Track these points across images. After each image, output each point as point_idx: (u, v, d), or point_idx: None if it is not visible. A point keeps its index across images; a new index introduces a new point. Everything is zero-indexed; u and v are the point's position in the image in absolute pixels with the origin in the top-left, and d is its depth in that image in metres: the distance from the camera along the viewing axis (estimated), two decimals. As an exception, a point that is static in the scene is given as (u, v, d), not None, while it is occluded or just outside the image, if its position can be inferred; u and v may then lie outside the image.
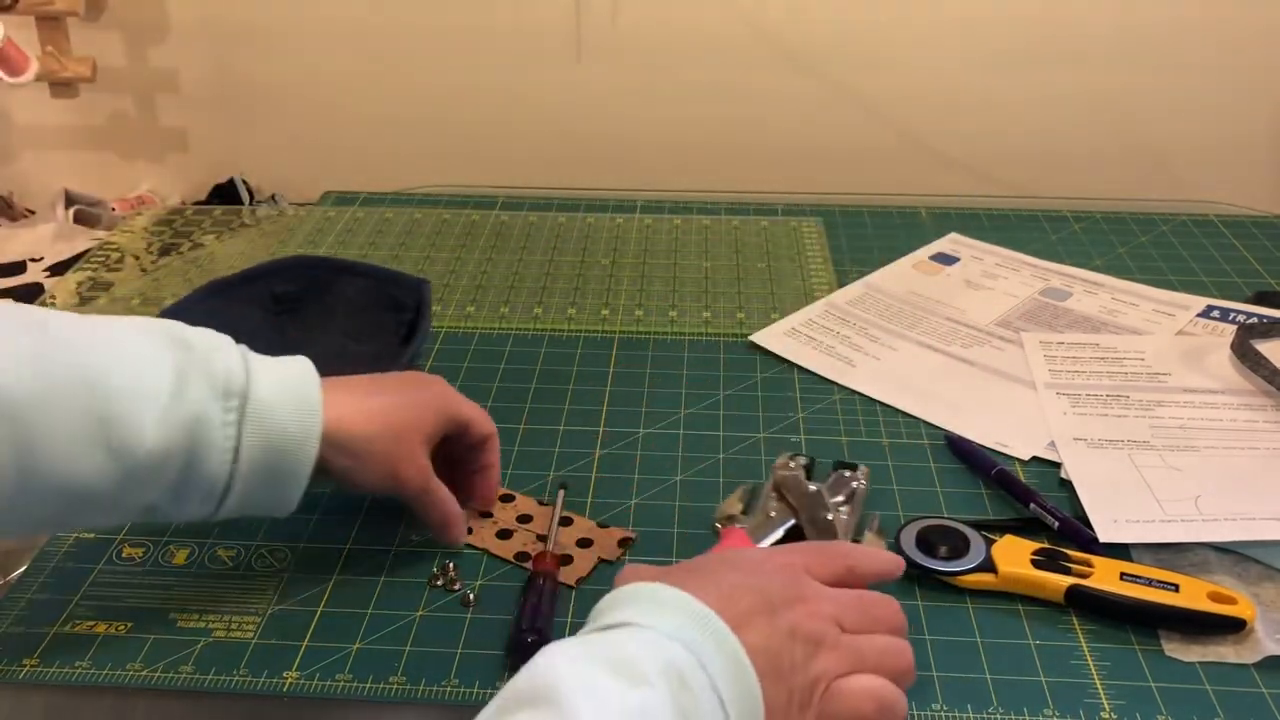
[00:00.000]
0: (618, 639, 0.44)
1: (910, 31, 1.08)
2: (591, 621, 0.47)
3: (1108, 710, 0.54)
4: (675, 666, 0.42)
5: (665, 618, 0.45)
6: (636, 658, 0.42)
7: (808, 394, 0.79)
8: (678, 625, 0.45)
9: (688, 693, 0.42)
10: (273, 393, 0.54)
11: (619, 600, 0.47)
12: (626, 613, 0.46)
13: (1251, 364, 0.78)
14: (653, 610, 0.45)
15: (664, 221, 1.07)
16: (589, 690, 0.40)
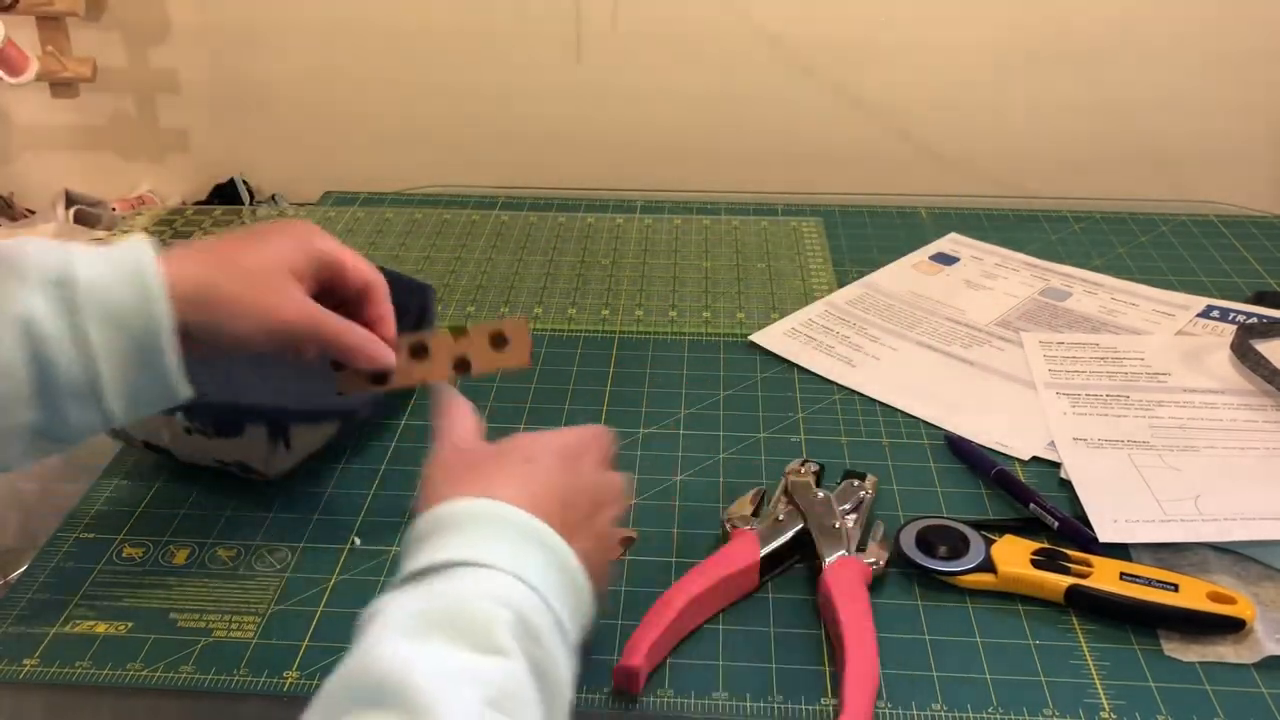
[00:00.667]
0: (460, 593, 0.41)
1: (910, 31, 1.08)
2: (416, 551, 0.44)
3: (1107, 710, 0.54)
4: (524, 618, 0.41)
5: (502, 546, 0.43)
6: (484, 620, 0.39)
7: (808, 394, 0.79)
8: (517, 556, 0.43)
9: (539, 645, 0.41)
10: (98, 271, 0.49)
11: (435, 527, 0.44)
12: (458, 545, 0.43)
13: (1251, 364, 0.78)
14: (487, 538, 0.43)
15: (664, 221, 1.07)
16: (436, 680, 0.37)
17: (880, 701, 0.54)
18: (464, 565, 0.42)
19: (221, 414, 0.65)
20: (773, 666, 0.56)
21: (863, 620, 0.56)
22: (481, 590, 0.41)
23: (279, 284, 0.53)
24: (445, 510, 0.44)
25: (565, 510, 0.47)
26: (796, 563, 0.63)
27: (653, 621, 0.55)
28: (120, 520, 0.67)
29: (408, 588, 0.42)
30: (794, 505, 0.64)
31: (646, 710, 0.54)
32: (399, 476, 0.70)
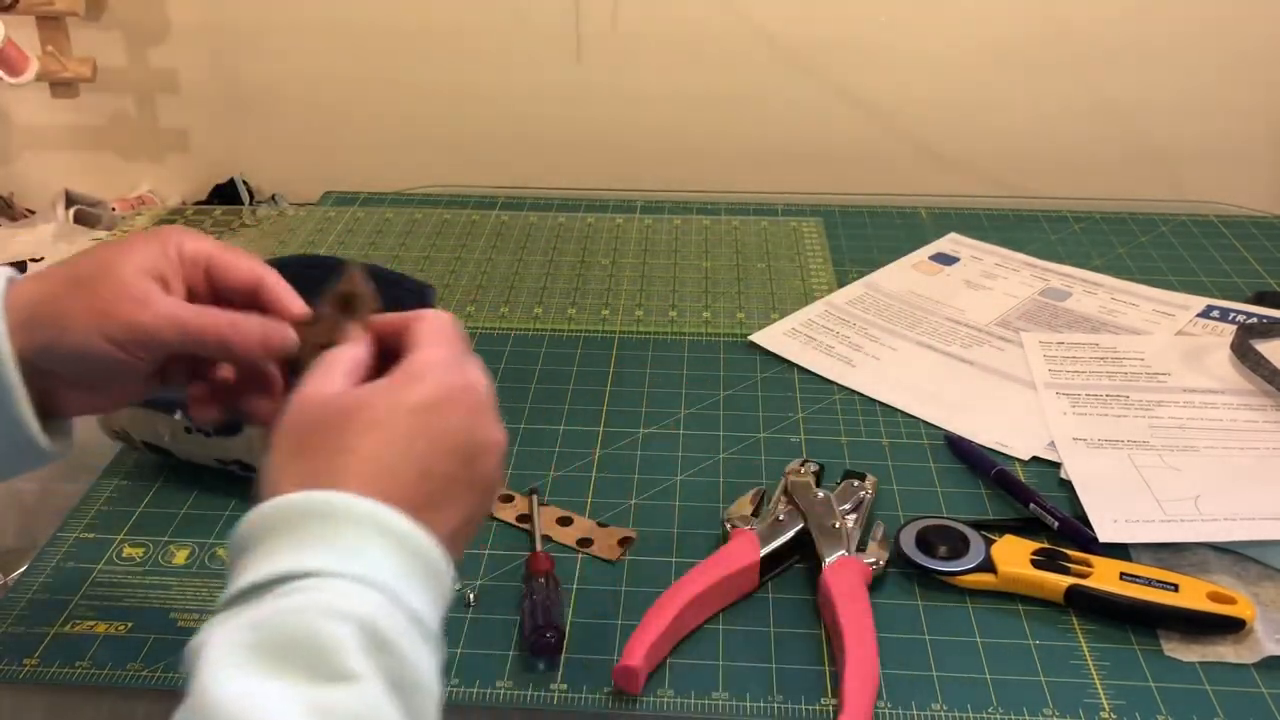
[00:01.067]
0: (294, 614, 0.35)
1: (910, 32, 1.08)
2: (242, 562, 0.38)
3: (1107, 710, 0.54)
4: (373, 629, 0.35)
5: (339, 546, 0.37)
6: (330, 643, 0.34)
7: (808, 394, 0.79)
8: (358, 555, 0.37)
9: (393, 655, 0.36)
10: None
11: (273, 528, 0.38)
12: (287, 553, 0.37)
13: (1251, 364, 0.78)
14: (321, 538, 0.37)
15: (664, 221, 1.07)
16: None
17: (880, 701, 0.54)
18: (295, 578, 0.36)
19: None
20: (773, 666, 0.56)
21: (863, 620, 0.56)
22: (319, 606, 0.35)
23: (130, 289, 0.46)
24: (272, 509, 0.38)
25: (425, 480, 0.41)
26: (796, 563, 0.63)
27: (653, 621, 0.55)
28: (120, 520, 0.67)
29: (236, 611, 0.36)
30: (794, 505, 0.64)
31: (646, 710, 0.54)
32: (399, 476, 0.70)
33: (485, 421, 0.44)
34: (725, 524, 0.64)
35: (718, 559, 0.59)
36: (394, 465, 0.41)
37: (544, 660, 0.56)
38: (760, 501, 0.65)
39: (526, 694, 0.54)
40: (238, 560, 0.38)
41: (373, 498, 0.39)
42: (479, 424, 0.44)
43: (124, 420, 0.67)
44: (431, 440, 0.42)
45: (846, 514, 0.63)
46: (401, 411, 0.42)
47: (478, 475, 0.44)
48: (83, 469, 0.72)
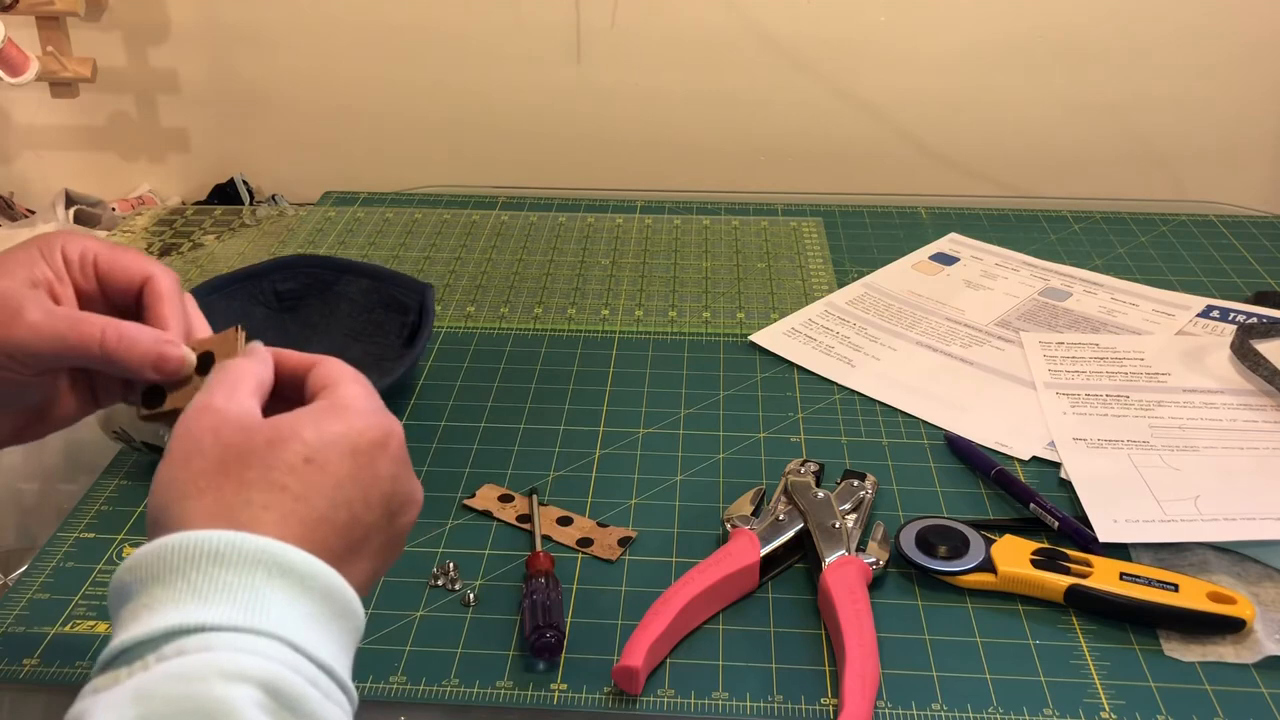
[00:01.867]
0: (186, 681, 0.31)
1: (910, 32, 1.08)
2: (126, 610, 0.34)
3: (1107, 710, 0.54)
4: (275, 689, 0.32)
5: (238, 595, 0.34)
6: (227, 714, 0.31)
7: (808, 394, 0.79)
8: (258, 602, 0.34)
9: (298, 713, 0.32)
10: None
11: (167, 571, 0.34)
12: (177, 604, 0.33)
13: (1251, 364, 0.78)
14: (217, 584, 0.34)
15: (664, 221, 1.07)
16: None
17: (880, 701, 0.54)
18: (184, 634, 0.32)
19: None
20: (773, 666, 0.56)
21: (863, 620, 0.56)
22: (214, 668, 0.31)
23: (9, 308, 0.42)
24: (166, 547, 0.34)
25: (351, 528, 0.38)
26: (796, 563, 0.63)
27: (653, 621, 0.55)
28: (120, 520, 0.67)
29: (119, 675, 0.32)
30: (794, 505, 0.64)
31: (646, 710, 0.54)
32: (399, 476, 0.70)
33: (409, 474, 0.42)
34: (725, 524, 0.64)
35: (718, 559, 0.59)
36: (324, 509, 0.38)
37: (544, 660, 0.56)
38: (760, 501, 0.65)
39: (526, 694, 0.54)
40: (125, 604, 0.34)
41: (296, 543, 0.36)
42: (405, 475, 0.42)
43: (124, 420, 0.67)
44: (364, 486, 0.39)
45: (846, 514, 0.63)
46: (338, 450, 0.39)
47: (396, 529, 0.42)
48: (83, 469, 0.72)
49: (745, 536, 0.61)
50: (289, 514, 0.37)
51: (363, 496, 0.39)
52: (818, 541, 0.61)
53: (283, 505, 0.37)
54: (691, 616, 0.57)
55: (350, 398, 0.41)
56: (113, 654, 0.33)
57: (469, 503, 0.68)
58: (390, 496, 0.41)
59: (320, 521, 0.37)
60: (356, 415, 0.40)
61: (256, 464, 0.37)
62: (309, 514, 0.37)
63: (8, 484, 0.72)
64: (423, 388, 0.80)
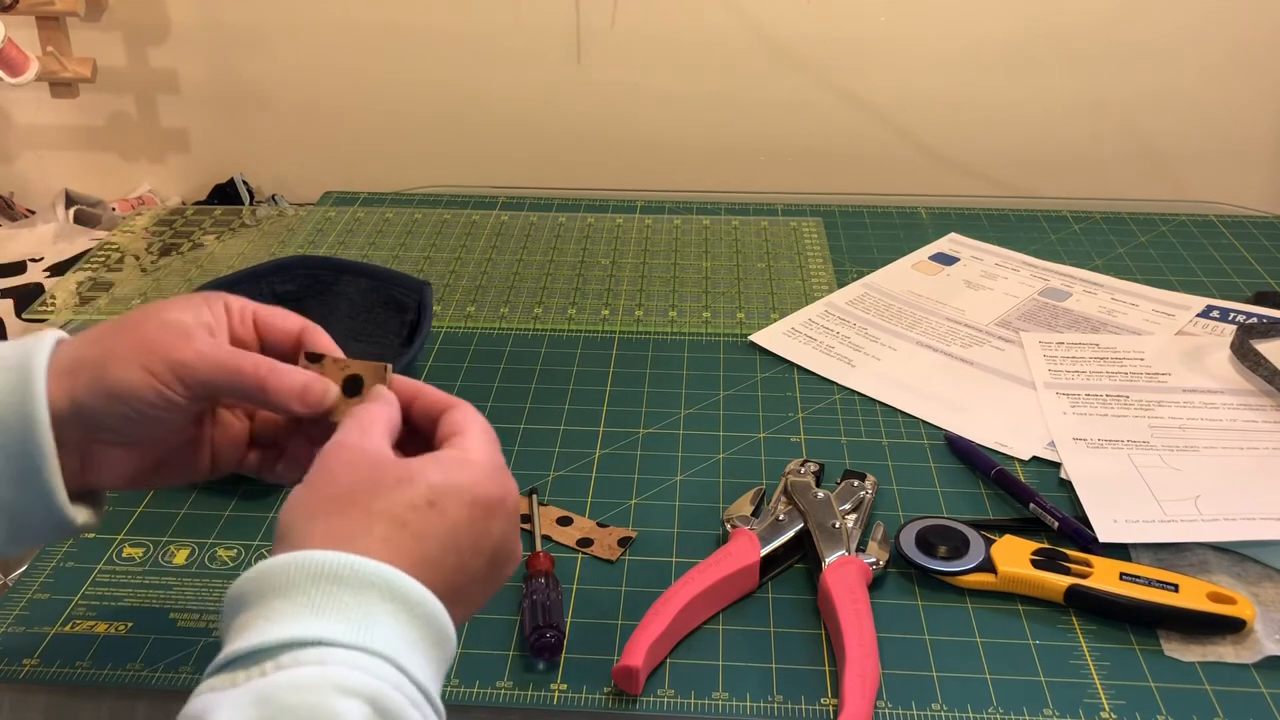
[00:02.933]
0: (297, 691, 0.34)
1: (910, 32, 1.08)
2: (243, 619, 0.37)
3: (1107, 710, 0.54)
4: (381, 706, 0.35)
5: (351, 615, 0.36)
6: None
7: (808, 394, 0.79)
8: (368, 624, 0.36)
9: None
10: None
11: (284, 587, 0.37)
12: (294, 617, 0.36)
13: (1251, 364, 0.78)
14: (322, 606, 0.36)
15: (664, 221, 1.07)
16: None
17: (880, 701, 0.54)
18: (301, 646, 0.35)
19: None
20: (773, 666, 0.56)
21: (863, 620, 0.56)
22: (325, 681, 0.34)
23: (173, 327, 0.46)
24: (290, 564, 0.37)
25: (457, 574, 0.41)
26: (796, 563, 0.63)
27: (653, 621, 0.55)
28: (120, 520, 0.67)
29: (237, 677, 0.35)
30: (794, 505, 0.64)
31: (646, 710, 0.54)
32: (399, 476, 0.70)
33: (516, 534, 0.45)
34: (725, 524, 0.64)
35: (718, 559, 0.59)
36: (436, 552, 0.40)
37: (544, 660, 0.56)
38: (760, 501, 0.65)
39: (526, 694, 0.54)
40: (242, 612, 0.37)
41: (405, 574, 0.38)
42: (513, 534, 0.45)
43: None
44: (476, 537, 0.42)
45: (846, 514, 0.63)
46: (459, 499, 0.42)
47: (495, 581, 0.45)
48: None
49: (745, 537, 0.61)
50: (405, 549, 0.39)
51: (473, 546, 0.42)
52: (818, 542, 0.61)
53: (400, 540, 0.39)
54: (691, 616, 0.57)
55: (477, 452, 0.44)
56: (230, 658, 0.36)
57: (469, 503, 0.67)
58: (497, 550, 0.44)
59: (431, 561, 0.40)
60: (481, 471, 0.43)
61: (383, 498, 0.40)
62: (422, 552, 0.40)
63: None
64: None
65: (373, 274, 0.83)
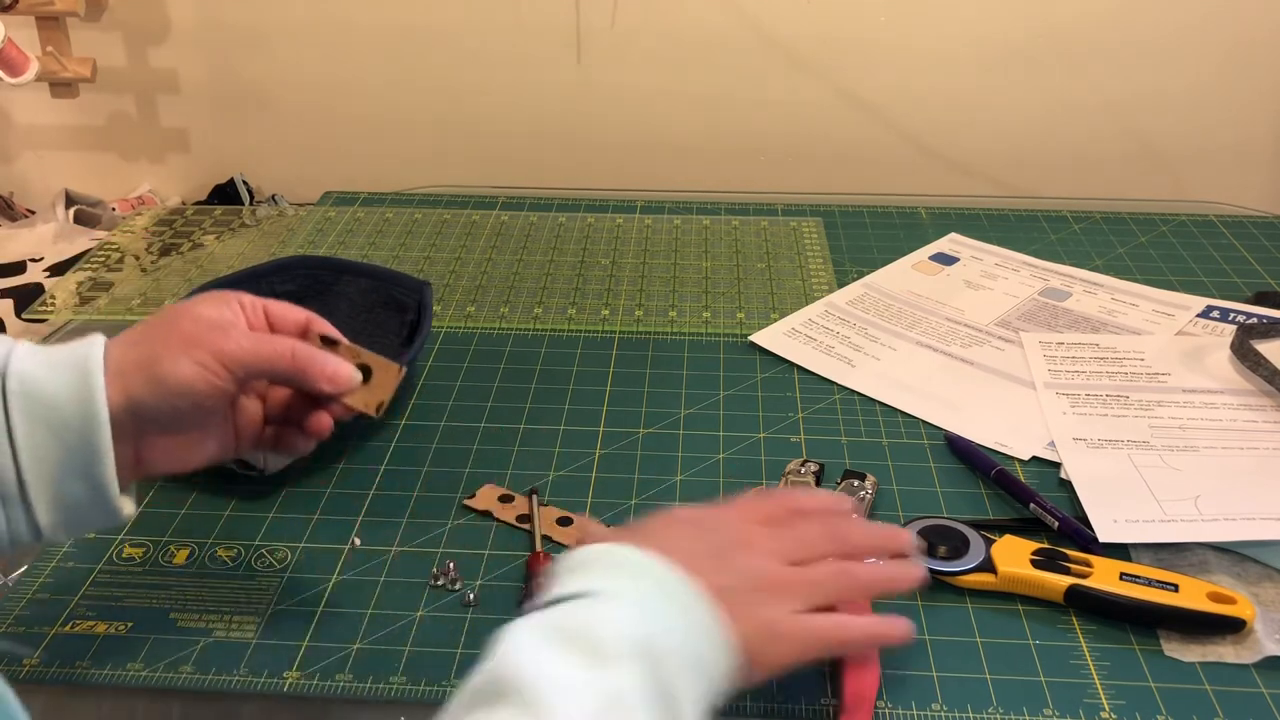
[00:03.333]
0: (581, 615, 0.43)
1: (910, 32, 1.08)
2: (552, 586, 0.46)
3: (1107, 710, 0.54)
4: (646, 640, 0.42)
5: (626, 581, 0.45)
6: (603, 637, 0.41)
7: (808, 394, 0.79)
8: (640, 589, 0.45)
9: (662, 666, 0.42)
10: (36, 368, 0.48)
11: (577, 564, 0.47)
12: (587, 579, 0.45)
13: (1251, 364, 0.78)
14: (612, 574, 0.45)
15: (664, 221, 1.07)
16: (554, 680, 0.39)
17: (880, 701, 0.54)
18: (589, 595, 0.44)
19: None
20: (773, 666, 0.56)
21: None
22: (602, 613, 0.43)
23: (212, 322, 0.51)
24: (580, 554, 0.47)
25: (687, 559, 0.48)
26: None
27: None
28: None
29: (540, 611, 0.44)
30: None
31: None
32: (399, 476, 0.70)
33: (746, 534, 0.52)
34: None
35: None
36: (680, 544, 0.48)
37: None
38: None
39: (526, 694, 0.54)
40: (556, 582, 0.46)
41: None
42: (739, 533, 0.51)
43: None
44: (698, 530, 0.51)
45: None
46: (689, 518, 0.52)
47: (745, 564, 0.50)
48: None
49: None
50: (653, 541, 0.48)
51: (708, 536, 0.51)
52: None
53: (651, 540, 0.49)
54: None
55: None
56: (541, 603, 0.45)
57: (469, 503, 0.68)
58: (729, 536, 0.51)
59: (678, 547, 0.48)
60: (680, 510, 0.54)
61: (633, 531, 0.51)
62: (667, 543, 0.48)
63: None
64: (423, 388, 0.80)
65: (373, 274, 0.83)
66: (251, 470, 0.68)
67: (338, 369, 0.54)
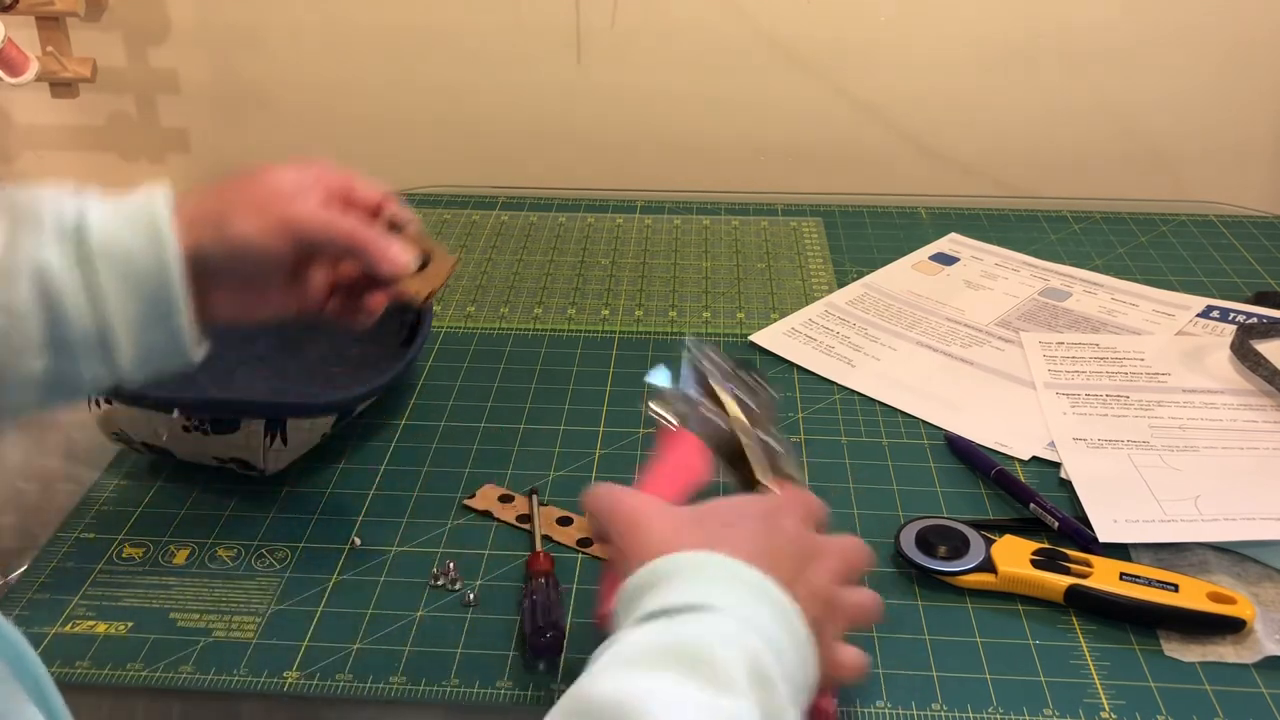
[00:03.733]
0: (695, 633, 0.41)
1: (910, 32, 1.08)
2: (644, 596, 0.44)
3: (1107, 710, 0.54)
4: (759, 665, 0.40)
5: (733, 595, 0.42)
6: (722, 660, 0.39)
7: (808, 394, 0.79)
8: (748, 607, 0.42)
9: (770, 692, 0.40)
10: (112, 223, 0.49)
11: (676, 573, 0.44)
12: (692, 590, 0.43)
13: (1251, 364, 0.78)
14: (720, 588, 0.43)
15: (664, 221, 1.07)
16: (680, 711, 0.36)
17: (880, 701, 0.54)
18: (698, 609, 0.42)
19: (217, 410, 0.65)
20: (773, 666, 0.56)
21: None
22: (717, 632, 0.40)
23: (283, 189, 0.53)
24: (673, 560, 0.45)
25: (776, 571, 0.46)
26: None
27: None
28: (120, 520, 0.67)
29: (641, 626, 0.42)
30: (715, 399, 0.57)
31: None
32: (399, 476, 0.70)
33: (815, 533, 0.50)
34: (654, 411, 0.57)
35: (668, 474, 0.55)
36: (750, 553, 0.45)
37: (544, 660, 0.56)
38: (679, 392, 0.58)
39: (526, 694, 0.54)
40: (639, 594, 0.44)
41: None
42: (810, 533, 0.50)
43: (123, 421, 0.67)
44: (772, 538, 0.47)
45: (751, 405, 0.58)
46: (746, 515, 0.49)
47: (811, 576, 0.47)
48: (83, 469, 0.72)
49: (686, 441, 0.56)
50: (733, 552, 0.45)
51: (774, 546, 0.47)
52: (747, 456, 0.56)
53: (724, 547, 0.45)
54: None
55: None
56: (639, 616, 0.42)
57: (469, 503, 0.68)
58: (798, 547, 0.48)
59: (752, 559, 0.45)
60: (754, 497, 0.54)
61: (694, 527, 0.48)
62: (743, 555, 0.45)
63: (8, 484, 0.72)
64: (423, 388, 0.80)
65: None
66: (251, 470, 0.68)
67: (395, 254, 0.55)
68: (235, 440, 0.66)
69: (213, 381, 0.75)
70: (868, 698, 0.54)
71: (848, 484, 0.69)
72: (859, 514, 0.67)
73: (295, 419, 0.67)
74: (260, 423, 0.65)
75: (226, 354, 0.77)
